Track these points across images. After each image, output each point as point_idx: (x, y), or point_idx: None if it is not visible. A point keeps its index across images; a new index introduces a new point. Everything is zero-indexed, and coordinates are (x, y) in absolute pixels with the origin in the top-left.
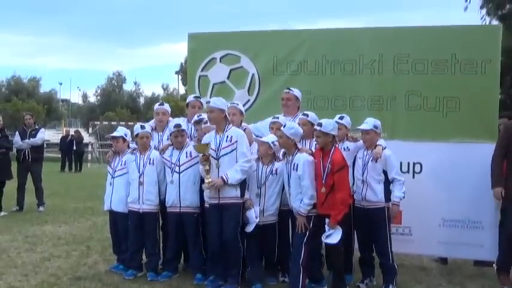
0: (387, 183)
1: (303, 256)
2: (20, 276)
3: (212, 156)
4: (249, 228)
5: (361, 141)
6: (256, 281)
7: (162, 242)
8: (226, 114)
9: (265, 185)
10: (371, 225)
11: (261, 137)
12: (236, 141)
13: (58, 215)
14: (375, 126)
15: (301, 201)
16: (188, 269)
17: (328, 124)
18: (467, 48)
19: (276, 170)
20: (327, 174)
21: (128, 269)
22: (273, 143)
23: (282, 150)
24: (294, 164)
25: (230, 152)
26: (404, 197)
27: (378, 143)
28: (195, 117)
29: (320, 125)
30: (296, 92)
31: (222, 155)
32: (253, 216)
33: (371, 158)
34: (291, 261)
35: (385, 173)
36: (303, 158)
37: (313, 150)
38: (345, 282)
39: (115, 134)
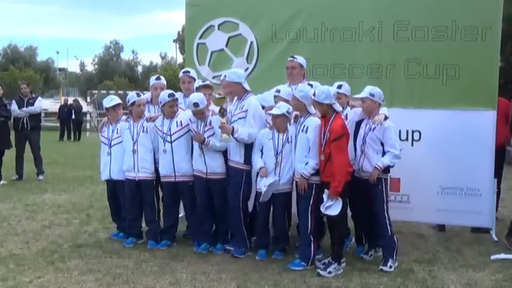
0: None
1: (310, 226)
2: (21, 244)
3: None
4: (264, 198)
5: (359, 108)
6: (261, 248)
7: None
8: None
9: (281, 154)
10: (368, 197)
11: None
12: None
13: (58, 183)
14: (371, 94)
15: (307, 163)
16: (187, 237)
17: (320, 94)
18: (467, 15)
19: (292, 137)
20: (326, 142)
21: (128, 237)
22: (287, 111)
23: (294, 113)
24: (304, 126)
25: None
26: (391, 167)
27: (381, 111)
28: (200, 82)
29: (314, 94)
30: (300, 59)
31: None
32: (262, 186)
33: (370, 128)
34: (300, 232)
35: (383, 145)
36: (315, 122)
37: None
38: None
39: (116, 102)
